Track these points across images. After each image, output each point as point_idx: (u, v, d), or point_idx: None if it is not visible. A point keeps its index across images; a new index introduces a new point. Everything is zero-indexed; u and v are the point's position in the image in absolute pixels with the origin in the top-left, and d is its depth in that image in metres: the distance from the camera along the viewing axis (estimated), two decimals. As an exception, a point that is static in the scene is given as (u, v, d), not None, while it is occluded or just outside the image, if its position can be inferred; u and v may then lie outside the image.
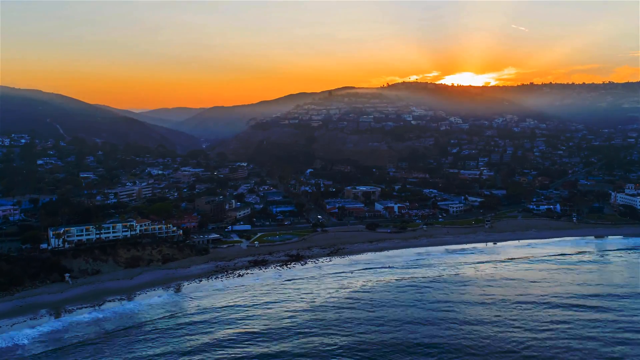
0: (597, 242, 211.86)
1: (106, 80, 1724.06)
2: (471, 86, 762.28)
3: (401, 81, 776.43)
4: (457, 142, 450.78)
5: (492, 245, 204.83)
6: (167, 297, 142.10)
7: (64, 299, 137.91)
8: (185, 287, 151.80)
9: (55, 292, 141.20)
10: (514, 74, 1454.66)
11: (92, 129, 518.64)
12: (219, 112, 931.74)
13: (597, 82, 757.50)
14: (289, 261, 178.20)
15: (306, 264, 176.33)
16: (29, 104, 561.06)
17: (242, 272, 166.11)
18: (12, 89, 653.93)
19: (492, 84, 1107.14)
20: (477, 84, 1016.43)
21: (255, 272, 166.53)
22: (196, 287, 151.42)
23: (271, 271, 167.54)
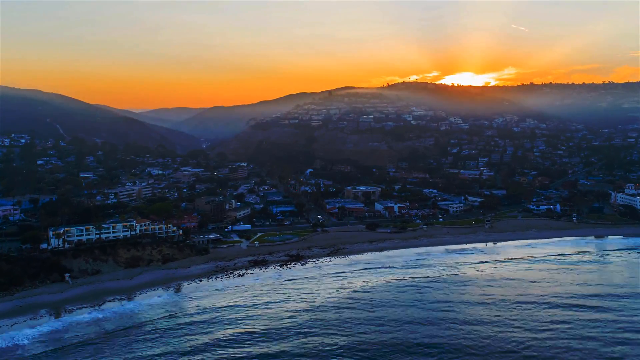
0: (597, 242, 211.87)
1: (106, 80, 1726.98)
2: (471, 86, 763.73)
3: (401, 81, 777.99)
4: (457, 142, 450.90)
5: (492, 245, 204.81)
6: (167, 297, 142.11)
7: (64, 299, 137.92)
8: (185, 287, 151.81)
9: (55, 292, 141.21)
10: (514, 74, 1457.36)
11: (92, 129, 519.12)
12: (219, 112, 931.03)
13: (597, 82, 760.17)
14: (289, 261, 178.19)
15: (306, 264, 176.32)
16: (29, 104, 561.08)
17: (242, 272, 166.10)
18: (12, 89, 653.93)
19: (492, 84, 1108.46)
20: (477, 84, 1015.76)
21: (255, 272, 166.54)
22: (196, 287, 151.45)
23: (271, 271, 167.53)
